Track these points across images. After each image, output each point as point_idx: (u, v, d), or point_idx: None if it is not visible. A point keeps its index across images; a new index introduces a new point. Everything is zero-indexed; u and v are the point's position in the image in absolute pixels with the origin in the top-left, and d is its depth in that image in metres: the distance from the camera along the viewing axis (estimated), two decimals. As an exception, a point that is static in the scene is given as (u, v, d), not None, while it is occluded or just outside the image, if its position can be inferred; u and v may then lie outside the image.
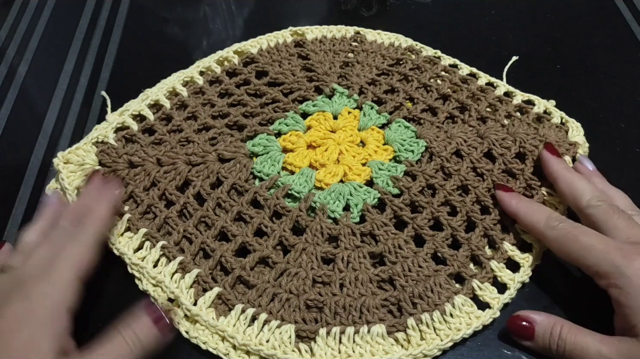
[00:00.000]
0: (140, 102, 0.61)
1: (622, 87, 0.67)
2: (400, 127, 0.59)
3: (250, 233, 0.51)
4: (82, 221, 0.46)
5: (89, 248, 0.44)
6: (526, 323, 0.45)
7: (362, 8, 0.78)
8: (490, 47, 0.72)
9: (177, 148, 0.57)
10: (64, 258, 0.43)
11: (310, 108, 0.61)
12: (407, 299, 0.47)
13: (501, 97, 0.62)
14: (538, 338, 0.44)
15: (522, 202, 0.51)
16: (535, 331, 0.44)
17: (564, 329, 0.43)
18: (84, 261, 0.43)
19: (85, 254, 0.44)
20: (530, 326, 0.45)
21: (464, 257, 0.50)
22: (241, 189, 0.54)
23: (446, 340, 0.45)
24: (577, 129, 0.59)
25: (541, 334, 0.44)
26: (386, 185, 0.54)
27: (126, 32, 0.75)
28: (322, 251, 0.50)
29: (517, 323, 0.45)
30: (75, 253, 0.43)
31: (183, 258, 0.49)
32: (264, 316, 0.45)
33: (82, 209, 0.48)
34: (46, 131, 0.63)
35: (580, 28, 0.76)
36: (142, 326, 0.41)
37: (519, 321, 0.45)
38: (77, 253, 0.43)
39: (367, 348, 0.44)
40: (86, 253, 0.44)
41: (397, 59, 0.67)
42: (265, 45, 0.68)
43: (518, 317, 0.46)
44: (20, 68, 0.70)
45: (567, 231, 0.46)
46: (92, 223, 0.46)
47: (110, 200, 0.49)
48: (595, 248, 0.44)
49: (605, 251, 0.43)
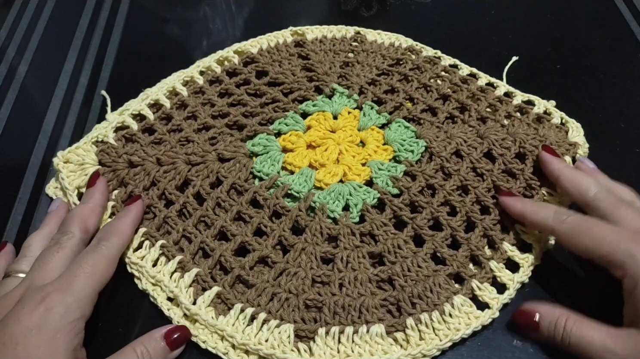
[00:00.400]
0: (140, 102, 0.61)
1: (622, 87, 0.67)
2: (400, 127, 0.59)
3: (250, 232, 0.51)
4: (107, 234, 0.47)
5: (111, 262, 0.46)
6: (531, 315, 0.45)
7: (362, 8, 0.78)
8: (490, 47, 0.72)
9: (176, 148, 0.57)
10: (87, 270, 0.43)
11: (310, 108, 0.61)
12: (406, 299, 0.47)
13: (501, 97, 0.62)
14: (543, 329, 0.44)
15: (527, 203, 0.50)
16: (540, 324, 0.44)
17: (568, 321, 0.43)
18: (105, 275, 0.44)
19: (106, 268, 0.45)
20: (535, 318, 0.44)
21: (464, 257, 0.50)
22: (241, 189, 0.54)
23: (445, 340, 0.45)
24: (577, 129, 0.59)
25: (546, 326, 0.44)
26: (386, 185, 0.54)
27: (126, 32, 0.75)
28: (322, 251, 0.50)
29: (523, 315, 0.45)
30: (98, 265, 0.44)
31: (182, 258, 0.49)
32: (263, 316, 0.45)
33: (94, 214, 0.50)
34: (46, 131, 0.63)
35: (580, 28, 0.76)
36: (151, 340, 0.44)
37: (524, 313, 0.45)
38: (100, 266, 0.44)
39: (366, 347, 0.44)
40: (107, 267, 0.45)
41: (397, 59, 0.67)
42: (265, 45, 0.68)
43: (523, 309, 0.46)
44: (20, 68, 0.70)
45: (577, 224, 0.46)
46: (118, 239, 0.47)
47: (136, 220, 0.50)
48: (608, 238, 0.43)
49: (618, 241, 0.43)
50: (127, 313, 0.48)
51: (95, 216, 0.50)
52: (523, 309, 0.46)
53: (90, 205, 0.51)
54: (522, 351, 0.46)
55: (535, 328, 0.44)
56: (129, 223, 0.49)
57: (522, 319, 0.45)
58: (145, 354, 0.42)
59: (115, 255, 0.46)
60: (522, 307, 0.46)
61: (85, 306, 0.42)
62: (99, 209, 0.51)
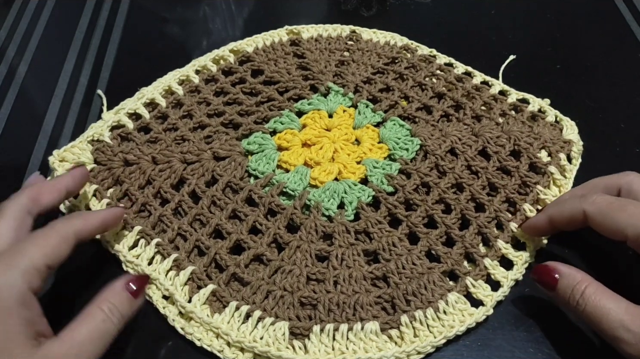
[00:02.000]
0: (135, 101, 0.62)
1: (622, 87, 0.67)
2: (395, 126, 0.59)
3: (245, 230, 0.51)
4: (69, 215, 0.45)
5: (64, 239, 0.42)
6: (551, 272, 0.43)
7: (362, 8, 0.78)
8: (490, 47, 0.72)
9: (172, 147, 0.57)
10: (36, 242, 0.41)
11: (306, 107, 0.62)
12: (401, 296, 0.47)
13: (496, 96, 0.63)
14: (560, 290, 0.43)
15: (546, 209, 0.49)
16: (558, 284, 0.43)
17: (588, 289, 0.41)
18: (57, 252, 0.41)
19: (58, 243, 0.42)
20: (555, 276, 0.43)
21: (458, 255, 0.49)
22: (236, 187, 0.54)
23: (439, 337, 0.45)
24: (572, 127, 0.59)
25: (563, 287, 0.42)
26: (381, 183, 0.54)
27: (126, 32, 0.76)
28: (317, 249, 0.50)
29: (542, 270, 0.44)
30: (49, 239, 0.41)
31: (178, 256, 0.49)
32: (258, 313, 0.45)
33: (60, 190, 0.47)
34: (46, 131, 0.63)
35: (580, 28, 0.76)
36: (115, 293, 0.41)
37: (545, 268, 0.44)
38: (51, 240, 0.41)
39: (361, 345, 0.44)
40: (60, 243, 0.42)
41: (393, 57, 0.68)
42: (260, 43, 0.69)
43: (545, 266, 0.44)
44: (20, 68, 0.70)
45: (610, 202, 0.44)
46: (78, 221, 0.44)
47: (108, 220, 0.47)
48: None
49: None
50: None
51: (52, 192, 0.46)
52: (544, 265, 0.45)
53: (53, 181, 0.48)
54: (522, 351, 0.46)
55: (552, 286, 0.43)
56: (99, 216, 0.46)
57: (540, 275, 0.44)
58: (113, 309, 0.40)
59: (71, 235, 0.42)
60: (544, 263, 0.45)
61: (33, 279, 0.39)
62: (59, 187, 0.47)
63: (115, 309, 0.40)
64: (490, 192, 0.54)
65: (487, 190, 0.54)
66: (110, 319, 0.40)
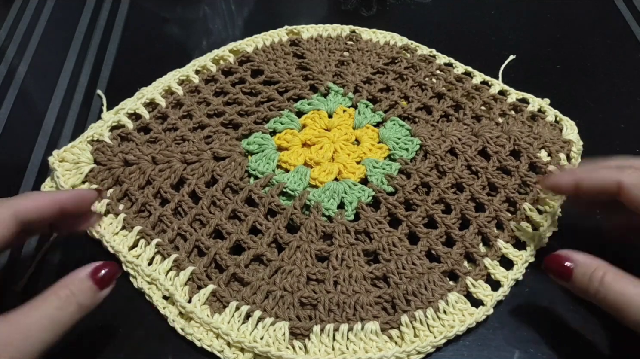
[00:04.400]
0: (135, 101, 0.62)
1: (622, 87, 0.67)
2: (395, 126, 0.59)
3: (245, 230, 0.51)
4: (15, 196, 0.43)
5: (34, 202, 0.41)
6: (565, 260, 0.42)
7: (362, 8, 0.78)
8: (490, 47, 0.72)
9: (172, 147, 0.57)
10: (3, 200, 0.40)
11: (306, 107, 0.62)
12: (401, 296, 0.47)
13: (496, 96, 0.63)
14: (576, 279, 0.41)
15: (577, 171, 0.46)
16: (574, 273, 0.41)
17: (607, 276, 0.39)
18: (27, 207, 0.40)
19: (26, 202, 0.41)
20: (569, 266, 0.41)
21: (458, 255, 0.49)
22: (236, 187, 0.54)
23: (439, 337, 0.45)
24: (571, 127, 0.59)
25: (580, 276, 0.40)
26: (381, 183, 0.54)
27: (126, 32, 0.76)
28: (317, 249, 0.50)
29: (556, 261, 0.42)
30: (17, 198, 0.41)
31: (178, 256, 0.49)
32: (258, 314, 0.45)
33: None
34: (46, 131, 0.63)
35: (580, 28, 0.76)
36: (77, 280, 0.39)
37: (557, 257, 0.42)
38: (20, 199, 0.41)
39: (361, 345, 0.44)
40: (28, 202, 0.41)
41: (392, 57, 0.68)
42: (260, 44, 0.69)
43: (558, 255, 0.42)
44: (20, 68, 0.70)
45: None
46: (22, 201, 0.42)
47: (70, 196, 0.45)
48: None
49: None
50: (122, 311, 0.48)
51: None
52: (556, 254, 0.42)
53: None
54: (522, 351, 0.46)
55: (567, 276, 0.41)
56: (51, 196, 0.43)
57: (553, 265, 0.42)
58: (71, 297, 0.37)
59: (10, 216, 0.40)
60: (557, 252, 0.43)
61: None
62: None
63: (72, 297, 0.38)
64: (490, 192, 0.54)
65: (487, 190, 0.54)
66: (65, 308, 0.37)
